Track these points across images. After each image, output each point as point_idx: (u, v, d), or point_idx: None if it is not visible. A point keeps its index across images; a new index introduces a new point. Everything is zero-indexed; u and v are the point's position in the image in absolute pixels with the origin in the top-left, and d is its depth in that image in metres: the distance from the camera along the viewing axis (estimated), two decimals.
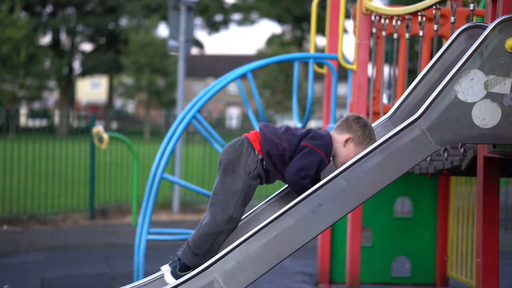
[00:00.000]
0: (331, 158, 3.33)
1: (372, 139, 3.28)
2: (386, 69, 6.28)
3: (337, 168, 3.21)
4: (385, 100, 5.98)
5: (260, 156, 3.23)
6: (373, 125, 3.57)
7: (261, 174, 3.25)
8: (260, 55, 40.73)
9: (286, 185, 3.53)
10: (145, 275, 5.08)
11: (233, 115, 31.79)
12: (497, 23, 3.12)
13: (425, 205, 5.97)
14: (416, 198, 5.98)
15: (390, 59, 6.05)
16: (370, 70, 5.35)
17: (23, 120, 17.11)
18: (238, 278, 3.07)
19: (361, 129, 3.28)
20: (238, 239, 3.11)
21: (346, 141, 3.25)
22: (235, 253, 3.08)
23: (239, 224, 3.45)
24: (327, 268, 5.95)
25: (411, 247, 5.96)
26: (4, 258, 6.87)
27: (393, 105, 4.01)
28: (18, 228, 8.73)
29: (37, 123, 18.33)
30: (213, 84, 5.67)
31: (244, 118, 15.41)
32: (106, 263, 6.78)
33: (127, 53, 39.71)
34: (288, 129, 3.25)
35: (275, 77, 38.42)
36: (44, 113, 19.66)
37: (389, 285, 5.96)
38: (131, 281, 4.94)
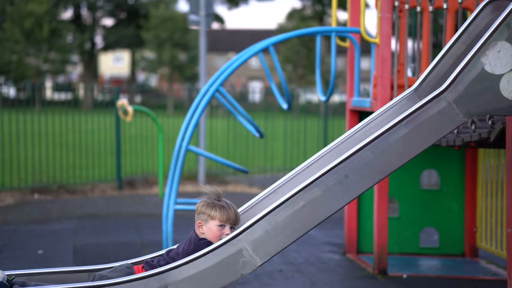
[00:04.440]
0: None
1: (216, 207, 3.20)
2: (409, 43, 6.28)
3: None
4: (409, 73, 5.99)
5: None
6: (398, 97, 3.60)
7: None
8: (281, 30, 40.49)
9: (312, 158, 3.59)
10: (174, 243, 5.20)
11: (256, 89, 31.79)
12: None
13: (453, 177, 6.01)
14: (443, 171, 6.03)
15: (413, 32, 6.05)
16: (394, 43, 5.36)
17: (48, 93, 17.30)
18: (267, 246, 3.15)
19: (202, 209, 3.23)
20: (265, 209, 3.19)
21: (200, 227, 3.22)
22: (262, 223, 3.16)
23: (266, 194, 3.52)
24: (355, 239, 6.04)
25: (439, 219, 6.02)
26: (38, 225, 7.08)
27: (418, 78, 4.04)
28: (48, 197, 8.93)
29: (62, 96, 18.56)
30: (235, 58, 5.73)
31: (267, 91, 15.44)
32: (135, 231, 6.95)
33: (148, 28, 39.80)
34: (164, 259, 3.19)
35: (297, 51, 38.19)
36: (69, 87, 19.87)
37: (418, 255, 6.04)
38: (160, 249, 5.07)
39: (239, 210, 3.50)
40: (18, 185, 9.57)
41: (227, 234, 3.19)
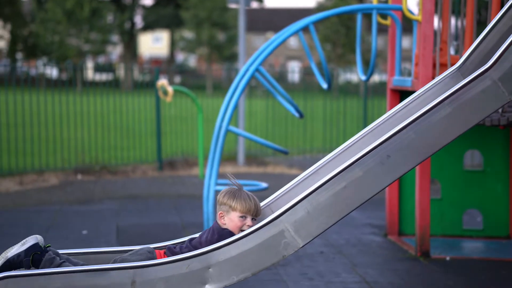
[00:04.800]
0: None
1: (238, 198, 3.20)
2: (453, 21, 6.14)
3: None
4: (452, 51, 5.87)
5: None
6: (441, 76, 3.54)
7: None
8: (320, 8, 40.12)
9: (353, 139, 3.56)
10: None
11: (296, 68, 31.63)
12: None
13: (497, 157, 5.89)
14: (486, 151, 5.91)
15: (457, 10, 5.92)
16: (436, 21, 5.25)
17: (89, 74, 17.51)
18: (309, 227, 3.14)
19: (223, 200, 3.22)
20: (306, 190, 3.17)
21: (221, 217, 3.22)
22: (304, 203, 3.14)
23: (308, 175, 3.51)
24: (396, 220, 5.98)
25: (482, 200, 5.91)
26: (81, 206, 7.21)
27: (461, 56, 3.96)
28: (91, 177, 9.08)
29: (103, 77, 18.80)
30: (275, 37, 5.69)
31: (306, 71, 15.35)
32: (176, 212, 7.01)
33: (187, 7, 39.90)
34: (187, 246, 3.18)
35: (336, 30, 37.83)
36: (110, 67, 20.06)
37: (461, 237, 5.95)
38: (201, 230, 5.12)
39: (280, 191, 3.50)
40: (61, 165, 9.75)
41: (249, 226, 3.18)
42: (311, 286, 4.54)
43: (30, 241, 3.07)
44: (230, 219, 3.20)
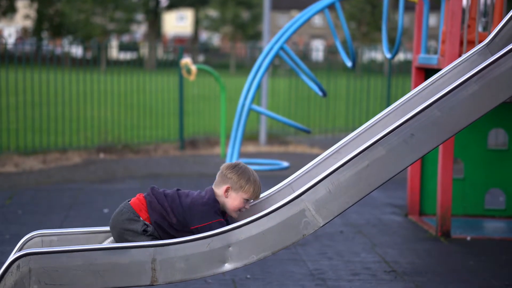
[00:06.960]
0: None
1: (251, 181, 3.17)
2: None
3: (232, 217, 3.18)
4: (480, 28, 5.73)
5: (147, 223, 3.16)
6: (469, 53, 3.46)
7: (155, 233, 3.16)
8: None
9: (377, 117, 3.50)
10: None
11: (320, 47, 31.41)
12: None
13: None
14: (511, 130, 5.79)
15: None
16: None
17: (113, 53, 17.52)
18: (330, 207, 3.10)
19: (236, 176, 3.17)
20: (328, 169, 3.13)
21: (226, 191, 3.18)
22: (326, 182, 3.10)
23: (329, 154, 3.47)
24: (417, 200, 5.92)
25: (506, 179, 5.82)
26: (103, 184, 7.23)
27: (490, 33, 3.86)
28: (113, 156, 9.11)
29: (127, 56, 18.84)
30: (300, 15, 5.63)
31: (330, 49, 15.19)
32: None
33: None
34: (173, 199, 3.17)
35: (362, 9, 37.45)
36: (134, 46, 20.12)
37: (482, 217, 5.87)
38: None
39: (301, 170, 3.48)
40: (84, 144, 9.80)
41: (246, 209, 3.22)
42: (330, 266, 4.50)
43: None
44: (235, 198, 3.19)
